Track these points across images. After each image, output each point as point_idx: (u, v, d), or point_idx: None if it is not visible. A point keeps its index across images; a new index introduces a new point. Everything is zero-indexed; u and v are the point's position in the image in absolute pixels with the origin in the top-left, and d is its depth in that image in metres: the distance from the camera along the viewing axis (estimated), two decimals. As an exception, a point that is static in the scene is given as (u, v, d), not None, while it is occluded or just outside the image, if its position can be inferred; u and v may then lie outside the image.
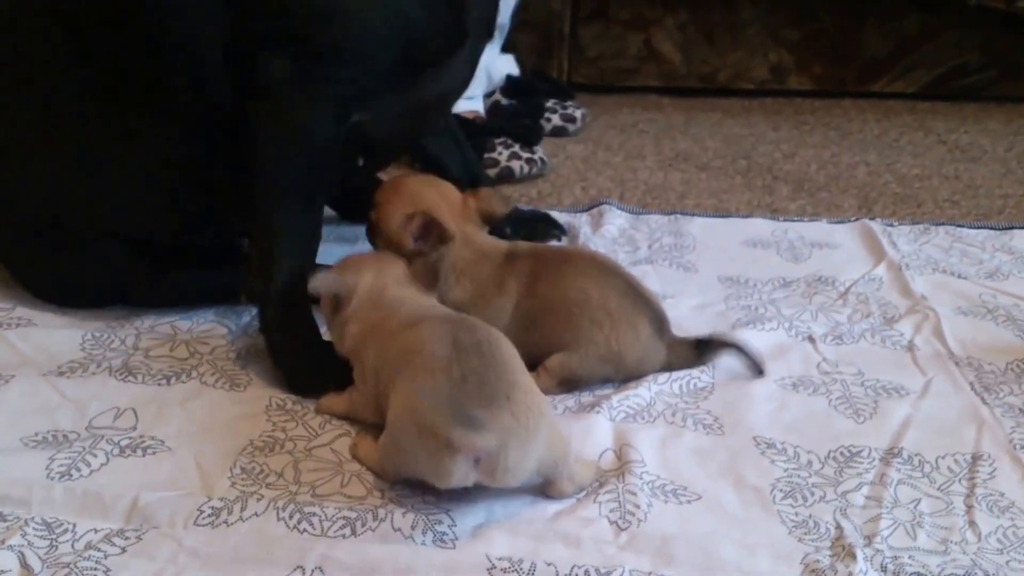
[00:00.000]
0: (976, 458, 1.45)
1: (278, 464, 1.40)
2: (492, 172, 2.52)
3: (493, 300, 1.63)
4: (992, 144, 2.84)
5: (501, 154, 2.56)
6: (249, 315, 1.77)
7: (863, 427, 1.52)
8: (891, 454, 1.46)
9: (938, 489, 1.39)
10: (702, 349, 1.63)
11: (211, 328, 1.76)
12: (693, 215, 2.30)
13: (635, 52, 3.30)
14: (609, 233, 2.16)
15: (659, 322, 1.61)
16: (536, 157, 2.59)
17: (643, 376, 1.60)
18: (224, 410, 1.53)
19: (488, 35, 1.82)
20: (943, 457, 1.45)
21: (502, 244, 1.69)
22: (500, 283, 1.64)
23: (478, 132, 2.57)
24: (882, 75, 3.27)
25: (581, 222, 2.21)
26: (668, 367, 1.62)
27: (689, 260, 2.06)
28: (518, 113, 2.86)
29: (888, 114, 3.13)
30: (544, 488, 1.35)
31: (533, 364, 1.53)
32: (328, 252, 1.76)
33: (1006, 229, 2.21)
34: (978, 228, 2.22)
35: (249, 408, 1.53)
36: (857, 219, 2.25)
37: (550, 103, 2.95)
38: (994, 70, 3.22)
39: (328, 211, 1.92)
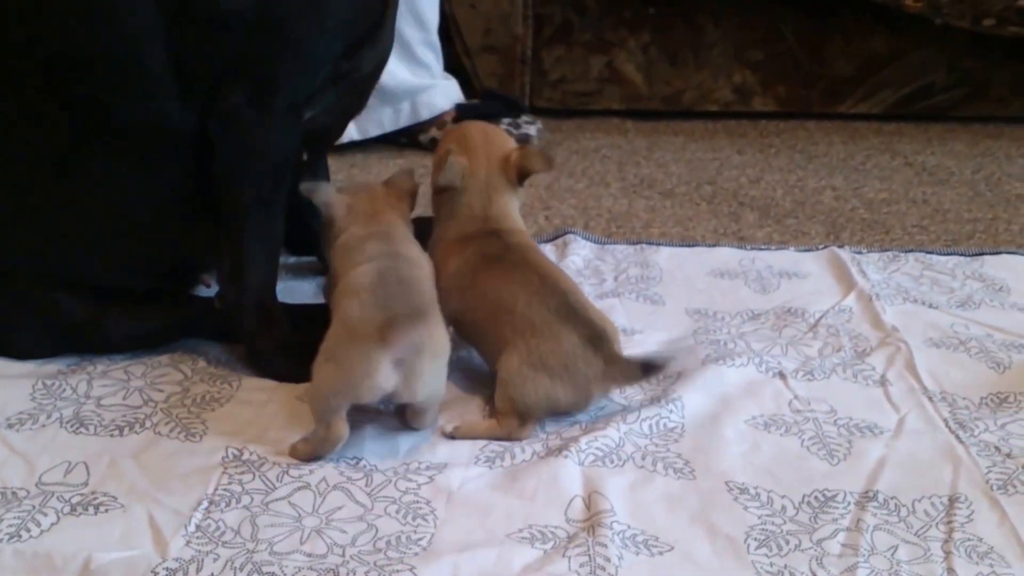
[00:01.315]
0: (953, 500, 1.42)
1: (235, 520, 1.35)
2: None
3: (447, 262, 1.69)
4: (959, 166, 2.82)
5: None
6: (204, 360, 1.73)
7: (837, 469, 1.48)
8: (866, 497, 1.42)
9: (915, 535, 1.35)
10: (646, 369, 1.58)
11: (165, 373, 1.71)
12: (659, 245, 2.26)
13: (597, 74, 3.27)
14: (574, 264, 2.12)
15: (594, 339, 1.55)
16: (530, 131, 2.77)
17: (588, 393, 1.56)
18: (179, 462, 1.47)
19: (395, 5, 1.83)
20: (919, 500, 1.42)
21: (474, 224, 1.71)
22: (453, 254, 1.68)
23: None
24: (847, 96, 3.25)
25: (545, 251, 2.15)
26: (611, 382, 1.58)
27: (656, 292, 2.02)
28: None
29: (854, 136, 3.11)
30: (407, 416, 1.53)
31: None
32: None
33: (976, 255, 2.18)
34: (948, 255, 2.20)
35: (204, 460, 1.48)
36: (825, 247, 2.22)
37: (504, 123, 2.87)
38: (960, 90, 3.20)
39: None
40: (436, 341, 1.48)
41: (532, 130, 2.92)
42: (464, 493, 1.41)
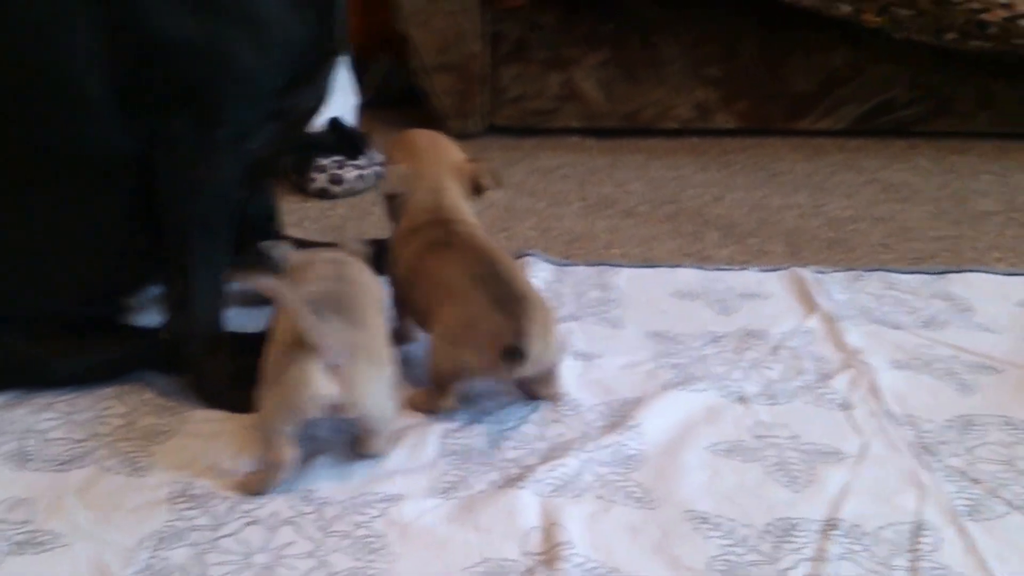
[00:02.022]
0: (918, 528, 1.38)
1: (182, 557, 1.31)
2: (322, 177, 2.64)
3: (402, 252, 1.74)
4: (924, 183, 2.80)
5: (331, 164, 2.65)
6: (151, 391, 1.70)
7: (800, 496, 1.45)
8: (830, 526, 1.38)
9: (880, 564, 1.32)
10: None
11: (111, 406, 1.66)
12: (620, 266, 2.23)
13: (556, 92, 3.25)
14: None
15: (503, 300, 1.56)
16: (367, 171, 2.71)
17: (494, 357, 1.54)
18: (124, 498, 1.43)
19: (344, 50, 1.85)
20: (883, 528, 1.38)
21: (425, 216, 1.75)
22: (405, 245, 1.73)
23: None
24: (809, 112, 3.23)
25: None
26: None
27: (616, 315, 1.99)
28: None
29: (817, 152, 3.09)
30: (360, 441, 1.51)
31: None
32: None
33: (941, 274, 2.16)
34: (912, 273, 2.17)
35: (150, 495, 1.44)
36: (788, 267, 2.20)
37: (328, 160, 2.77)
38: (923, 105, 3.19)
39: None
40: (372, 348, 1.48)
41: (351, 175, 2.77)
42: (419, 526, 1.37)
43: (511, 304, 1.56)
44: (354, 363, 1.43)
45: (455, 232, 1.71)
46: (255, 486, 1.44)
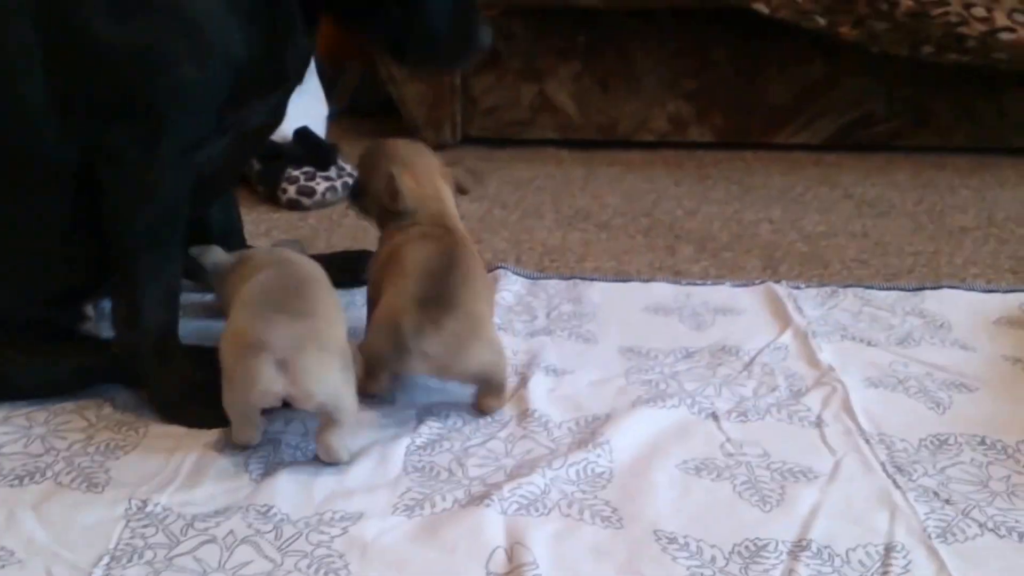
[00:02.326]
0: (889, 549, 1.36)
1: (136, 576, 1.28)
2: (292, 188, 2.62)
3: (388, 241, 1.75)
4: (901, 198, 2.79)
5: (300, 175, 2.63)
6: (110, 406, 1.67)
7: (770, 515, 1.42)
8: (799, 547, 1.36)
9: (850, 586, 1.29)
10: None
11: (69, 420, 1.63)
12: (593, 280, 2.21)
13: (529, 103, 3.23)
14: (505, 300, 2.07)
15: (428, 299, 1.57)
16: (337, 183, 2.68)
17: (405, 349, 1.56)
18: (80, 515, 1.40)
19: (299, 80, 1.79)
20: (854, 549, 1.36)
21: (432, 221, 1.77)
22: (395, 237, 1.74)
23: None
24: (785, 125, 3.22)
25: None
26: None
27: (589, 330, 1.97)
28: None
29: (793, 167, 3.08)
30: (321, 433, 1.50)
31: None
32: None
33: (917, 290, 2.14)
34: (888, 289, 2.16)
35: (107, 512, 1.40)
36: (762, 282, 2.18)
37: (297, 172, 2.74)
38: (900, 120, 3.18)
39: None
40: (322, 335, 1.48)
41: (321, 187, 2.73)
42: (380, 546, 1.34)
43: (432, 304, 1.56)
44: (302, 354, 1.43)
45: (451, 230, 1.75)
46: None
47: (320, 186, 2.70)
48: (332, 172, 2.74)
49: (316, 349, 1.45)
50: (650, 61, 3.18)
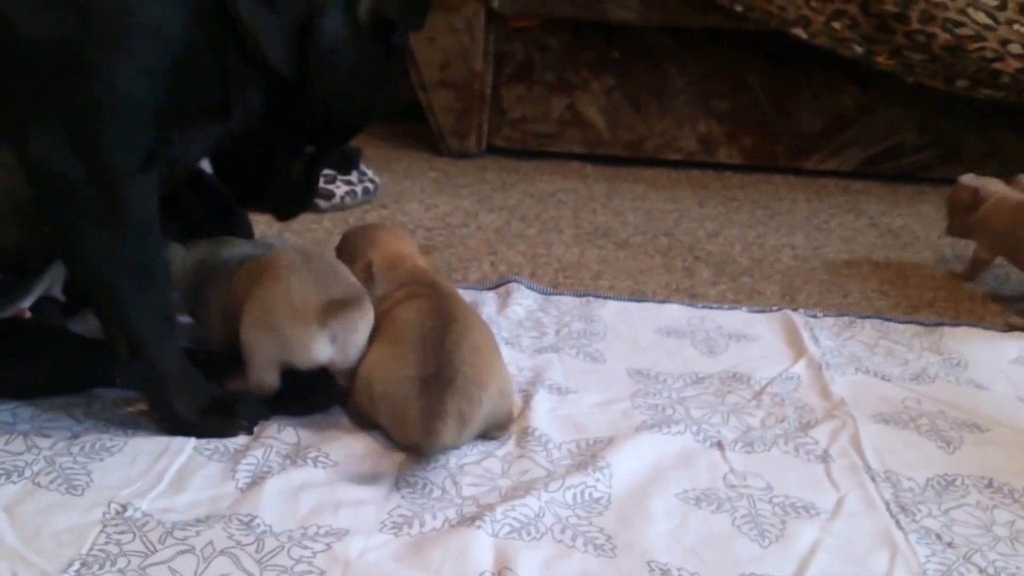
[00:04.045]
0: (887, 592, 1.32)
1: (105, 585, 1.24)
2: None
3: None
4: (925, 230, 2.74)
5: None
6: (100, 403, 1.63)
7: (768, 551, 1.38)
8: (796, 585, 1.31)
9: (845, 628, 1.25)
10: None
11: (55, 417, 1.60)
12: (606, 298, 2.17)
13: (558, 116, 3.21)
14: (515, 315, 2.04)
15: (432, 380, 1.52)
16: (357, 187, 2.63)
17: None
18: (54, 518, 1.36)
19: (239, 129, 1.64)
20: (851, 589, 1.31)
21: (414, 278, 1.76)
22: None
23: None
24: (814, 151, 3.19)
25: (486, 300, 2.08)
26: None
27: (598, 349, 1.94)
28: None
29: (819, 193, 3.04)
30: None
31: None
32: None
33: (936, 326, 2.10)
34: (906, 323, 2.11)
35: (83, 516, 1.37)
36: (779, 309, 2.14)
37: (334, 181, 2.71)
38: (931, 151, 3.14)
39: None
40: (369, 318, 1.61)
41: (340, 192, 2.73)
42: (363, 564, 1.31)
43: (433, 382, 1.51)
44: (354, 331, 1.58)
45: (436, 284, 1.72)
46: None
47: (340, 189, 2.68)
48: (353, 176, 2.71)
49: (364, 325, 1.59)
50: (683, 80, 3.16)
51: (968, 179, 2.41)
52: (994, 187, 2.37)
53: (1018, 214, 2.27)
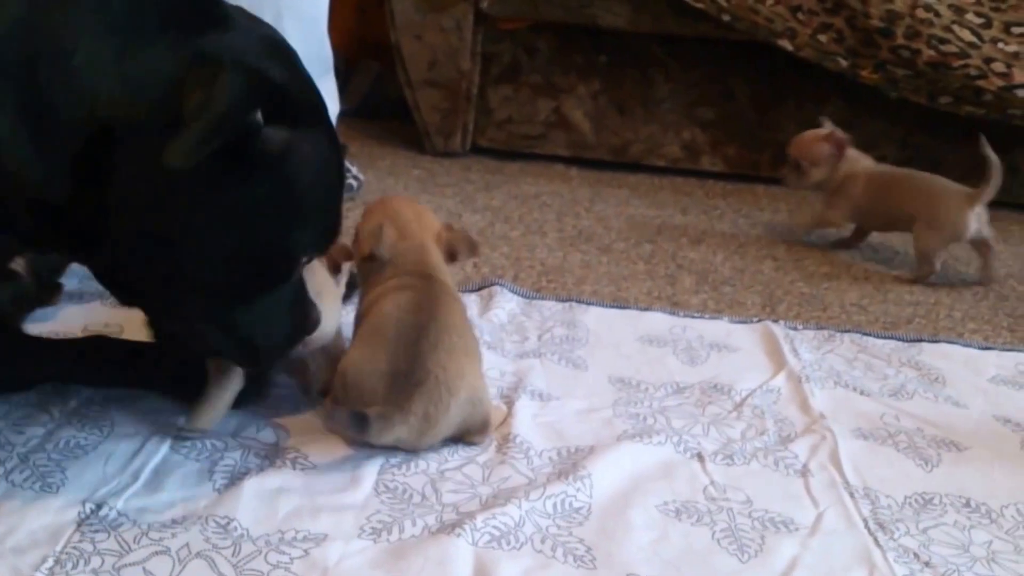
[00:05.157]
0: (863, 610, 1.31)
1: (78, 586, 1.23)
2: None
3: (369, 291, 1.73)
4: (905, 245, 2.74)
5: None
6: (76, 400, 1.62)
7: (746, 566, 1.38)
8: (773, 602, 1.31)
9: (821, 645, 1.24)
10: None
11: (30, 414, 1.58)
12: (589, 304, 2.17)
13: (544, 118, 3.22)
14: (498, 318, 2.03)
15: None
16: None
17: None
18: (28, 517, 1.34)
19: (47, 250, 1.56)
20: (829, 607, 1.30)
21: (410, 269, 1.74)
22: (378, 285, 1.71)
23: None
24: (798, 162, 3.18)
25: (469, 302, 2.07)
26: None
27: (580, 356, 1.93)
28: None
29: (801, 204, 3.04)
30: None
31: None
32: None
33: (914, 342, 2.10)
34: (885, 338, 2.11)
35: (58, 516, 1.35)
36: (759, 320, 2.14)
37: None
38: (913, 166, 3.13)
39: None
40: (333, 302, 1.67)
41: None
42: (340, 571, 1.29)
43: (402, 380, 1.51)
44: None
45: (431, 279, 1.70)
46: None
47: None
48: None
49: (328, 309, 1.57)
50: (669, 87, 3.17)
51: (832, 128, 2.58)
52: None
53: (880, 183, 2.59)
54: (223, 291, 1.33)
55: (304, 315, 1.47)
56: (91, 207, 1.22)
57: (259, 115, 1.21)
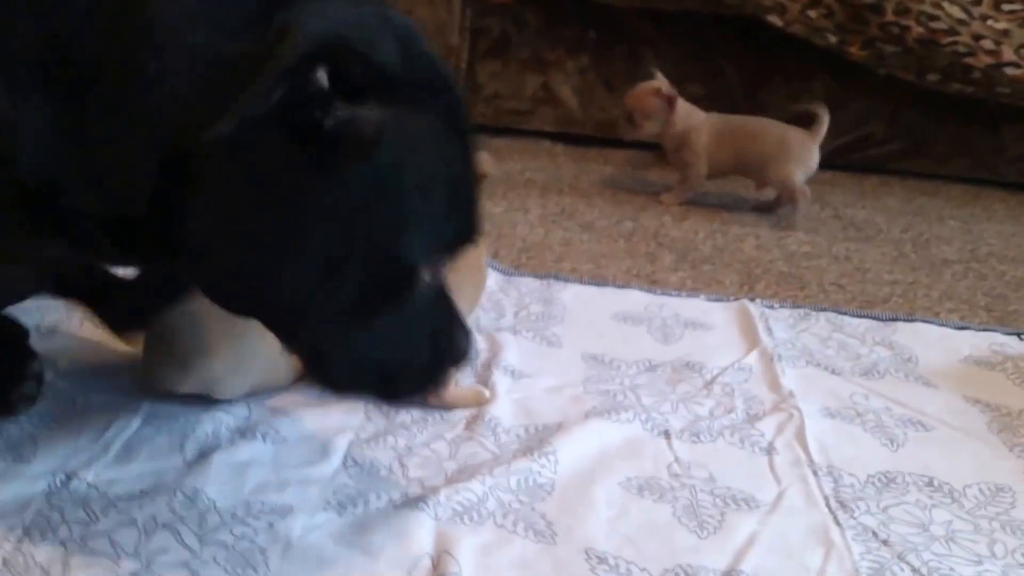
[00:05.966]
0: (818, 589, 1.33)
1: (45, 557, 1.25)
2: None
3: None
4: (888, 223, 2.76)
5: None
6: (52, 372, 1.63)
7: (705, 543, 1.40)
8: (729, 577, 1.33)
9: (774, 622, 1.26)
10: None
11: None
12: (567, 281, 2.19)
13: (532, 94, 3.22)
14: (475, 295, 2.05)
15: None
16: None
17: None
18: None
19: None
20: (783, 584, 1.33)
21: None
22: None
23: None
24: (784, 139, 3.19)
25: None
26: None
27: (555, 333, 1.95)
28: None
29: (786, 182, 3.04)
30: None
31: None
32: None
33: (889, 321, 2.12)
34: (860, 317, 2.13)
35: (28, 486, 1.38)
36: (736, 299, 2.15)
37: None
38: (898, 144, 3.16)
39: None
40: None
41: None
42: (304, 544, 1.32)
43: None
44: None
45: None
46: None
47: None
48: None
49: None
50: (658, 63, 3.16)
51: (661, 79, 2.73)
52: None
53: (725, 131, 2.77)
54: (330, 309, 1.14)
55: (450, 341, 1.27)
56: (167, 217, 1.09)
57: (333, 90, 1.01)
